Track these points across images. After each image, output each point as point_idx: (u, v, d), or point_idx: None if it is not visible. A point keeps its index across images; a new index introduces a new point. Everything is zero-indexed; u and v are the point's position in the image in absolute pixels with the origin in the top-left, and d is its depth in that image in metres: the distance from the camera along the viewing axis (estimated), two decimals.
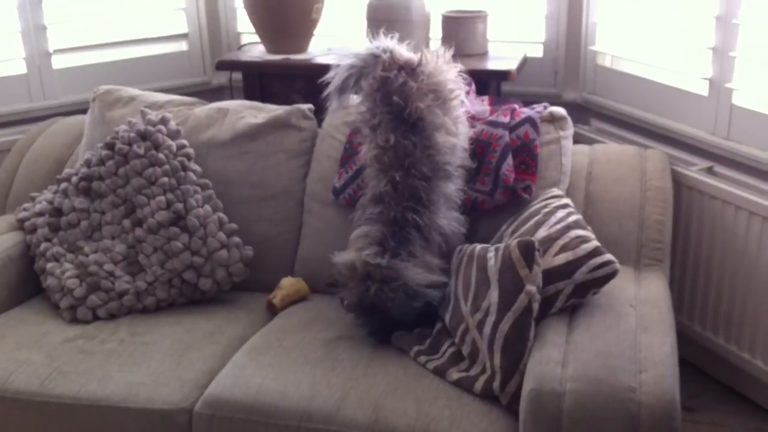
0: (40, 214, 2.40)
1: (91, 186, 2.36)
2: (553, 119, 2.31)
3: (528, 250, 1.81)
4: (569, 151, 2.30)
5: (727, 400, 2.54)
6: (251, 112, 2.52)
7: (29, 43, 2.99)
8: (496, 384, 1.77)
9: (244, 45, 3.24)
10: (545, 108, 2.33)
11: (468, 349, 1.89)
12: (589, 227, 1.96)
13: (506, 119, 2.28)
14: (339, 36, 3.20)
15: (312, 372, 1.91)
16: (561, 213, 1.99)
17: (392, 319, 2.03)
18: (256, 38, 3.10)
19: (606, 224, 2.21)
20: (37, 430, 1.96)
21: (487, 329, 1.82)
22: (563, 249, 1.86)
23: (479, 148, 2.24)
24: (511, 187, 2.18)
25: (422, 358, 1.96)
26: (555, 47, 3.06)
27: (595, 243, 1.85)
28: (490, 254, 1.91)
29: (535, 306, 1.79)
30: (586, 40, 2.99)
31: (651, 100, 2.77)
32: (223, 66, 3.02)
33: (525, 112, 2.31)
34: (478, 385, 1.81)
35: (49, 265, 2.31)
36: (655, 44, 2.74)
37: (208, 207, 2.32)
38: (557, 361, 1.66)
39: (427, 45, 2.97)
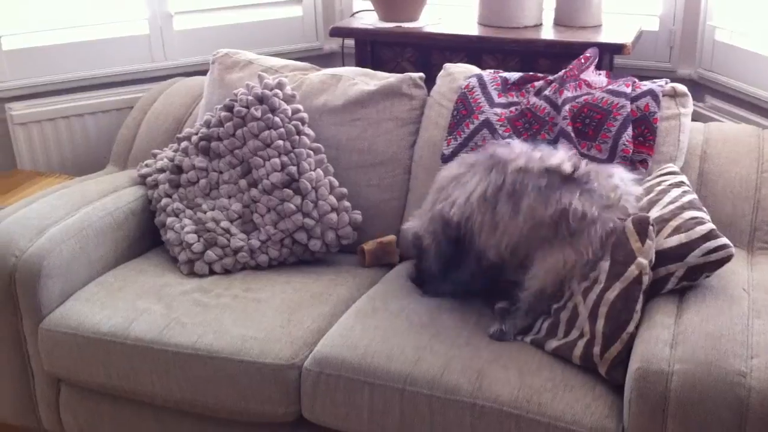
0: (161, 170, 2.51)
1: (210, 146, 2.44)
2: (675, 94, 2.27)
3: (642, 225, 1.81)
4: (688, 129, 2.26)
5: None
6: (363, 80, 2.56)
7: (152, 5, 3.11)
8: (596, 349, 1.78)
9: (357, 12, 3.28)
10: (666, 83, 2.30)
11: (567, 315, 1.90)
12: (704, 208, 1.93)
13: (628, 89, 2.25)
14: (451, 5, 3.21)
15: (417, 337, 1.95)
16: (675, 192, 1.96)
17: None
18: (368, 5, 3.13)
19: (719, 205, 2.17)
20: (154, 376, 2.05)
21: (593, 295, 1.83)
22: (676, 230, 1.83)
23: (598, 114, 2.22)
24: (629, 158, 2.16)
25: (518, 337, 1.98)
26: (672, 21, 2.99)
27: (710, 225, 1.82)
28: None
29: (645, 279, 1.78)
30: (705, 14, 2.92)
31: None
32: (336, 33, 3.06)
33: (646, 84, 2.28)
34: (577, 351, 1.82)
35: (169, 220, 2.41)
36: None
37: (320, 171, 2.38)
38: (666, 341, 1.65)
39: (540, 16, 2.95)
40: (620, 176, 1.99)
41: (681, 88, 2.29)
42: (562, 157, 1.98)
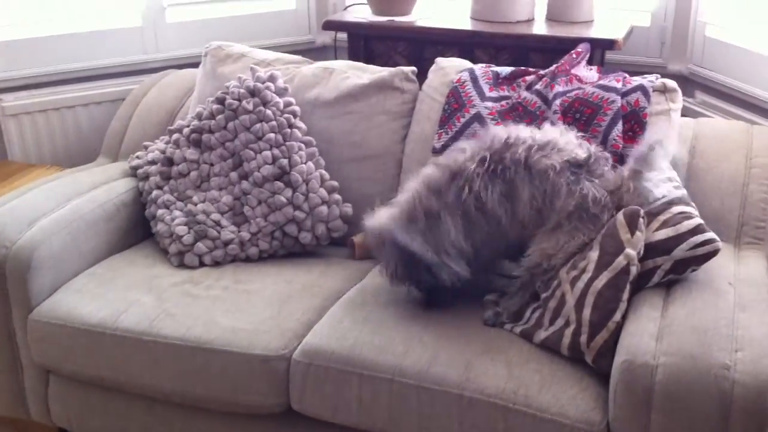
0: (152, 162, 2.51)
1: (202, 138, 2.44)
2: (665, 90, 2.28)
3: (633, 218, 1.83)
4: (677, 125, 2.27)
5: None
6: (356, 73, 2.56)
7: None
8: (583, 338, 1.79)
9: (350, 5, 3.28)
10: (657, 78, 2.31)
11: (555, 303, 1.91)
12: (692, 203, 1.95)
13: (618, 84, 2.26)
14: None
15: (406, 329, 1.96)
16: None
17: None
18: None
19: (708, 200, 2.18)
20: (144, 368, 2.06)
21: (580, 284, 1.85)
22: (664, 225, 1.85)
23: (589, 109, 2.23)
24: (619, 153, 2.17)
25: (508, 326, 1.99)
26: (663, 17, 3.00)
27: (698, 220, 1.83)
28: None
29: (633, 270, 1.79)
30: (696, 11, 2.93)
31: (761, 75, 2.70)
32: (329, 26, 3.07)
33: (637, 80, 2.30)
34: (566, 341, 1.83)
35: (159, 212, 2.41)
36: None
37: (311, 164, 2.39)
38: (651, 334, 1.66)
39: (532, 11, 2.95)
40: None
41: (671, 83, 2.30)
42: (571, 141, 2.02)
